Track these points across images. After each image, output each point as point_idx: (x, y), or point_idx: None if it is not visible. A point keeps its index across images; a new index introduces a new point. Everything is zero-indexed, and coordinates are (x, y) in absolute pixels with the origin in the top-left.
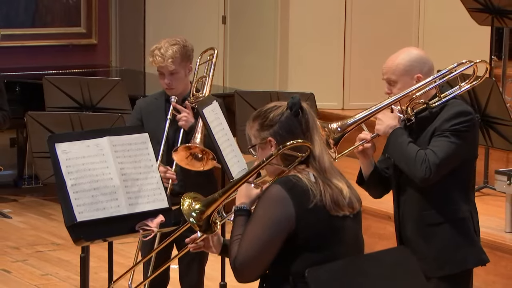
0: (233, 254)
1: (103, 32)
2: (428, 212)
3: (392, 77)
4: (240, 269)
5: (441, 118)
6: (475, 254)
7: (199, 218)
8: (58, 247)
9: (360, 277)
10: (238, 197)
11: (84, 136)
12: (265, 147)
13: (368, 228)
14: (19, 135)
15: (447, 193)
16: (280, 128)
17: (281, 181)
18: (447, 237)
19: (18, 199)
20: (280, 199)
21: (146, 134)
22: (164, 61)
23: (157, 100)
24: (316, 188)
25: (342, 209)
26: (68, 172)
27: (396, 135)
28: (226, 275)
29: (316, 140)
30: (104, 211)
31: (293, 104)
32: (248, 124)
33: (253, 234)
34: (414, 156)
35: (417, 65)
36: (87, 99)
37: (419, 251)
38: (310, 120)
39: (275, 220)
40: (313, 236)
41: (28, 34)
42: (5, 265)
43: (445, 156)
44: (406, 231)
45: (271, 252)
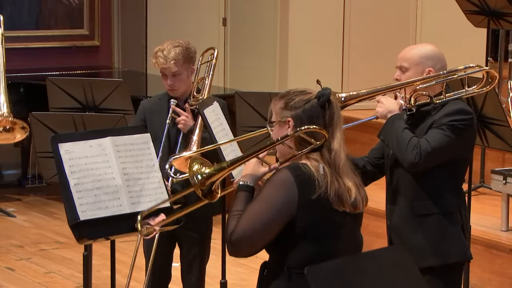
0: (231, 228)
1: (105, 34)
2: (417, 203)
3: (404, 64)
4: (236, 244)
5: (441, 113)
6: (459, 248)
7: (203, 182)
8: (61, 246)
9: (359, 275)
10: (245, 171)
11: (87, 136)
12: (283, 127)
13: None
14: None
15: (437, 186)
16: (303, 113)
17: (291, 167)
18: (433, 229)
19: (22, 198)
20: (286, 184)
21: (148, 135)
22: (167, 63)
23: (161, 100)
24: (323, 180)
25: (343, 206)
26: (71, 171)
27: (393, 120)
28: (227, 273)
29: (337, 136)
30: (107, 210)
31: (322, 95)
32: (274, 100)
33: (254, 213)
34: (407, 141)
35: (431, 60)
36: (90, 100)
37: (406, 240)
38: (335, 115)
39: (278, 203)
40: (312, 226)
41: (32, 36)
42: (9, 263)
43: (437, 146)
44: (395, 219)
45: (268, 233)
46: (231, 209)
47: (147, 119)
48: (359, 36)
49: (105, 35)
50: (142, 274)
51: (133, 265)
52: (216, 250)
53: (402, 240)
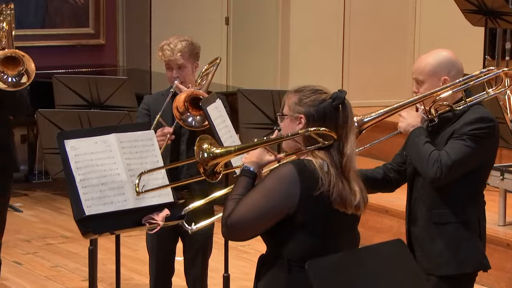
0: (228, 211)
1: (110, 32)
2: (436, 211)
3: (419, 77)
4: (231, 228)
5: (461, 121)
6: (476, 258)
7: (207, 161)
8: (67, 240)
9: (359, 269)
10: (250, 156)
11: (92, 133)
12: (294, 121)
13: (366, 221)
14: (30, 132)
15: (457, 195)
16: (316, 112)
17: (295, 162)
18: (451, 237)
19: (29, 194)
20: (289, 178)
21: (152, 131)
22: (174, 55)
23: (164, 96)
24: (326, 178)
25: (346, 207)
26: (77, 167)
27: (415, 134)
28: (229, 267)
29: (351, 140)
30: (112, 205)
31: (337, 97)
32: (289, 93)
33: (254, 201)
34: (427, 155)
35: (445, 68)
36: (95, 97)
37: (425, 248)
38: (349, 118)
39: (278, 195)
40: (311, 222)
41: (38, 34)
42: (16, 257)
43: (458, 158)
44: (415, 227)
45: (264, 223)
46: (231, 192)
47: (150, 111)
48: (358, 36)
49: (110, 34)
50: (146, 268)
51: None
52: (219, 245)
53: (423, 248)
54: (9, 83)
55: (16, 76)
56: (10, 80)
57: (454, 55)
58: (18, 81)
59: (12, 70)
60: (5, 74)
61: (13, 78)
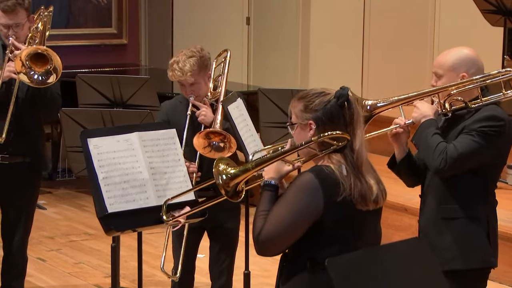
0: (258, 229)
1: (133, 32)
2: (445, 206)
3: (439, 71)
4: (262, 245)
5: (472, 118)
6: (483, 255)
7: (228, 183)
8: (90, 237)
9: (378, 266)
10: (268, 170)
11: (115, 132)
12: (304, 129)
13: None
14: (54, 130)
15: (466, 191)
16: (323, 115)
17: (315, 170)
18: (458, 233)
19: (52, 191)
20: (311, 188)
21: (174, 130)
22: (183, 75)
23: (181, 103)
24: (347, 181)
25: (367, 205)
26: (99, 165)
27: (426, 125)
28: (250, 264)
29: (358, 135)
30: (134, 203)
31: (340, 95)
32: (293, 102)
33: (280, 215)
34: (434, 146)
35: (464, 65)
36: (118, 97)
37: (431, 242)
38: (355, 114)
39: (303, 207)
40: (336, 227)
41: (62, 34)
42: (40, 254)
43: (464, 152)
44: (423, 220)
45: (294, 235)
46: (257, 208)
47: (170, 121)
48: (378, 35)
49: (133, 34)
50: (169, 265)
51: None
52: (240, 242)
53: (430, 242)
54: (34, 80)
55: (43, 74)
56: (36, 77)
57: (476, 54)
58: (44, 80)
59: (40, 67)
60: (32, 70)
61: (40, 76)
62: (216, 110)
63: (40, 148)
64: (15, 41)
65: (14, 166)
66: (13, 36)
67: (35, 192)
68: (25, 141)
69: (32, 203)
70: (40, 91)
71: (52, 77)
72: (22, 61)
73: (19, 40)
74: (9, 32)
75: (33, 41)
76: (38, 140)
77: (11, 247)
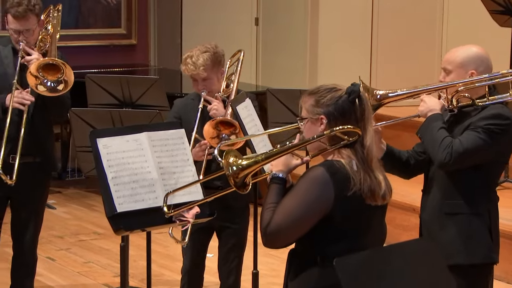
0: (266, 221)
1: (142, 33)
2: (448, 201)
3: (448, 67)
4: (270, 237)
5: (478, 116)
6: (485, 250)
7: (237, 173)
8: (99, 236)
9: (386, 266)
10: (277, 163)
11: (124, 132)
12: (315, 123)
13: (393, 219)
14: (63, 130)
15: (469, 187)
16: (335, 110)
17: (326, 165)
18: (460, 228)
19: (62, 191)
20: (322, 182)
21: (183, 130)
22: (196, 69)
23: (194, 100)
24: (357, 176)
25: (376, 200)
26: (109, 165)
27: (432, 119)
28: (258, 264)
29: (369, 131)
30: (143, 203)
31: (352, 91)
32: (304, 97)
33: (289, 208)
34: (440, 140)
35: (474, 62)
36: (127, 97)
37: (434, 236)
38: (366, 110)
39: (313, 200)
40: (346, 222)
41: (71, 35)
42: (49, 253)
43: (469, 148)
44: (426, 216)
45: (302, 227)
46: (265, 201)
47: (182, 118)
48: (387, 36)
49: (142, 34)
50: (176, 264)
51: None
52: (249, 242)
53: (431, 235)
54: (47, 87)
55: (54, 82)
56: (49, 84)
57: (486, 53)
58: (55, 87)
59: (51, 75)
60: (45, 78)
61: (52, 83)
62: (227, 105)
63: (50, 148)
64: (25, 46)
65: (24, 166)
66: (23, 41)
67: (44, 192)
68: (35, 141)
69: (42, 203)
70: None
71: (61, 85)
72: (34, 75)
73: (29, 45)
74: (19, 38)
75: (43, 44)
76: (48, 140)
77: (21, 246)
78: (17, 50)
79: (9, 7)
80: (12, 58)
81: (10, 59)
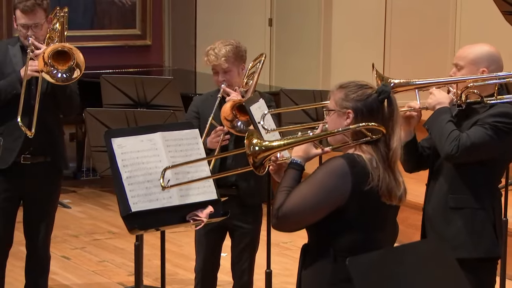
0: (279, 203)
1: (157, 34)
2: (452, 196)
3: (460, 63)
4: (281, 219)
5: (487, 113)
6: (489, 244)
7: (258, 154)
8: (114, 236)
9: (398, 266)
10: (297, 150)
11: (139, 132)
12: (341, 116)
13: (405, 219)
14: (78, 130)
15: (473, 182)
16: (363, 107)
17: (346, 157)
18: (464, 222)
19: (77, 191)
20: (341, 173)
21: (197, 130)
22: (218, 59)
23: (212, 97)
24: (376, 173)
25: (392, 200)
26: (123, 165)
27: (440, 112)
28: (272, 263)
29: (397, 133)
30: (157, 202)
31: (382, 91)
32: (335, 89)
33: (305, 193)
34: (448, 133)
35: (486, 60)
36: (142, 97)
37: (438, 230)
38: (395, 112)
39: (329, 190)
40: (360, 216)
41: (87, 35)
42: (65, 252)
43: (476, 142)
44: (430, 209)
45: (314, 216)
46: (280, 183)
47: (200, 113)
48: (400, 36)
49: (156, 35)
50: (190, 263)
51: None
52: (262, 242)
53: (434, 229)
54: (58, 79)
55: (66, 71)
56: (60, 75)
57: (498, 52)
58: (69, 76)
59: (62, 65)
60: (55, 69)
61: (64, 73)
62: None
63: (61, 147)
64: (34, 40)
65: (35, 165)
66: (32, 36)
67: (56, 191)
68: (47, 140)
69: (54, 202)
70: (59, 89)
71: (76, 72)
72: (45, 60)
73: (38, 40)
74: (28, 33)
75: (51, 41)
76: (59, 139)
77: (34, 245)
78: (26, 48)
79: (18, 2)
80: (21, 56)
81: (19, 57)
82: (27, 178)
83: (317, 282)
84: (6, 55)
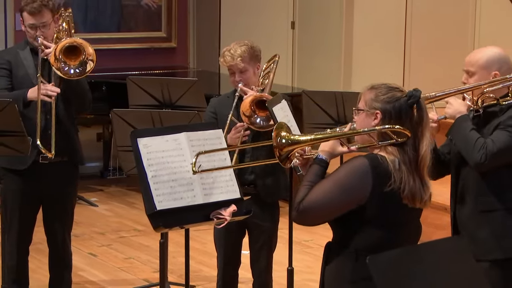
0: (301, 196)
1: (182, 36)
2: (482, 199)
3: (471, 69)
4: (302, 213)
5: (507, 115)
6: None
7: (284, 146)
8: (139, 233)
9: (418, 264)
10: (323, 146)
11: (164, 132)
12: (370, 116)
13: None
14: (105, 130)
15: (501, 184)
16: (393, 109)
17: (370, 157)
18: (497, 225)
19: (103, 189)
20: (363, 172)
21: (220, 130)
22: (234, 60)
23: (229, 98)
24: (398, 175)
25: (414, 203)
26: (149, 164)
27: (461, 120)
28: (293, 261)
29: (426, 137)
30: (182, 201)
31: (412, 96)
32: (366, 89)
33: (326, 189)
34: (474, 141)
35: (496, 63)
36: (167, 98)
37: (471, 235)
38: (424, 117)
39: (350, 188)
40: (381, 215)
41: (113, 38)
42: (91, 249)
43: (502, 147)
44: (461, 215)
45: (334, 212)
46: (304, 178)
47: (217, 114)
48: (420, 38)
49: (182, 38)
50: (214, 261)
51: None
52: (284, 239)
53: (468, 234)
54: (71, 75)
55: (78, 66)
56: (73, 71)
57: (506, 53)
58: (83, 70)
59: (74, 60)
60: (66, 65)
61: (76, 69)
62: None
63: (76, 144)
64: (44, 40)
65: (52, 165)
66: (41, 36)
67: (74, 187)
68: (63, 139)
69: (72, 198)
70: (71, 84)
71: (89, 65)
72: (56, 56)
73: (47, 40)
74: (36, 33)
75: (59, 41)
76: (74, 137)
77: (55, 242)
78: (36, 50)
79: (24, 5)
80: (31, 59)
81: (29, 60)
82: (45, 178)
83: (339, 279)
84: (17, 58)
